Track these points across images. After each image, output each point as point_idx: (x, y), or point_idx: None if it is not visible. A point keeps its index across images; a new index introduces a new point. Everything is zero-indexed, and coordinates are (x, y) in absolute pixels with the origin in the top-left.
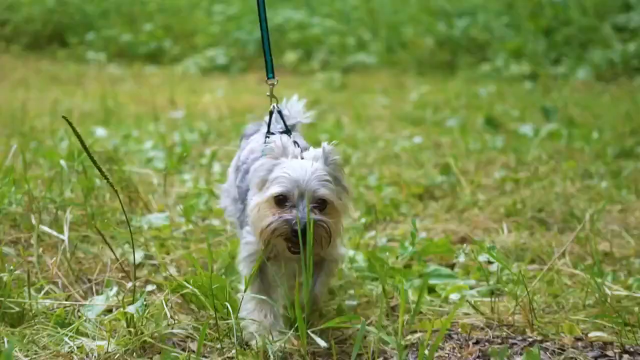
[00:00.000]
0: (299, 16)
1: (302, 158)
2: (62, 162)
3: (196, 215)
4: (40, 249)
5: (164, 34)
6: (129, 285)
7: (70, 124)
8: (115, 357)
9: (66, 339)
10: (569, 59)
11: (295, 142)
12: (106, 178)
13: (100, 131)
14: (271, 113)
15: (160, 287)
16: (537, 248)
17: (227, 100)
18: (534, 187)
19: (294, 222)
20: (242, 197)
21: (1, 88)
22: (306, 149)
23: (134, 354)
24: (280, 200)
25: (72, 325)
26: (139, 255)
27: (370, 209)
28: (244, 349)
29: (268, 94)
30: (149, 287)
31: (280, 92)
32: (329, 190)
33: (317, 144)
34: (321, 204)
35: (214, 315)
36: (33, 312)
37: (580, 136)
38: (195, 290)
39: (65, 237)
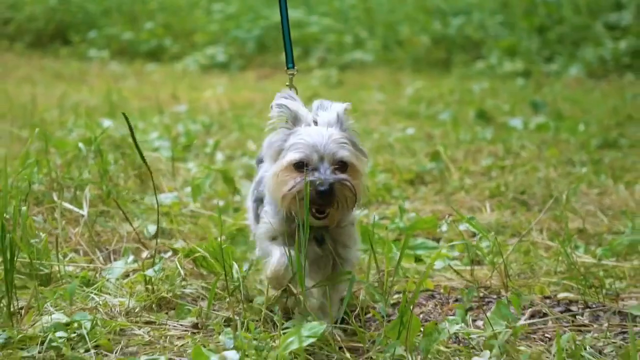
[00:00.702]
0: (297, 15)
1: (315, 124)
2: (81, 145)
3: (202, 196)
4: (63, 222)
5: (165, 32)
6: (144, 254)
7: (126, 118)
8: (135, 311)
9: (92, 295)
10: (561, 57)
11: None
12: (143, 159)
13: (107, 122)
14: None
15: (175, 252)
16: (517, 224)
17: (227, 96)
18: (517, 172)
19: (318, 182)
20: (257, 210)
21: (8, 84)
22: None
23: (152, 309)
24: (300, 167)
25: (96, 285)
26: (152, 228)
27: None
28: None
29: (287, 84)
30: (164, 255)
31: (278, 88)
32: (348, 152)
33: None
34: (342, 166)
35: (223, 276)
36: (60, 274)
37: (567, 128)
38: (206, 254)
39: (85, 212)
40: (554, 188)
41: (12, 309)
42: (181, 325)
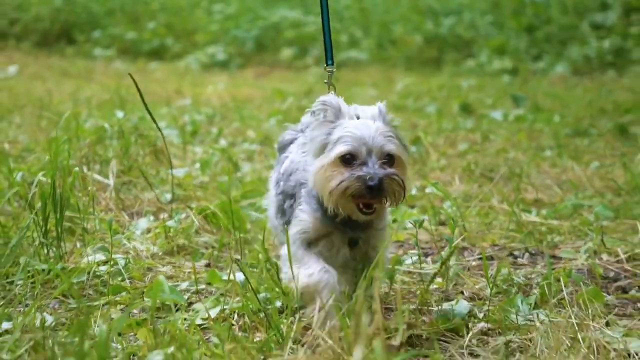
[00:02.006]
0: (294, 15)
1: (357, 118)
2: (107, 125)
3: (208, 172)
4: (94, 188)
5: (167, 31)
6: (163, 214)
7: (140, 94)
8: (159, 255)
9: (123, 241)
10: (548, 55)
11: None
12: (158, 127)
13: (120, 114)
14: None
15: (189, 208)
16: (480, 194)
17: (228, 91)
18: (488, 154)
19: (368, 177)
20: (283, 204)
21: (19, 81)
22: None
23: (172, 254)
24: (347, 160)
25: (125, 234)
26: (168, 196)
27: None
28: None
29: (326, 81)
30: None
31: (276, 85)
32: (395, 146)
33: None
34: (389, 160)
35: (231, 227)
36: (96, 227)
37: (543, 120)
38: (216, 210)
39: (111, 182)
40: (517, 166)
41: (61, 252)
42: (196, 265)
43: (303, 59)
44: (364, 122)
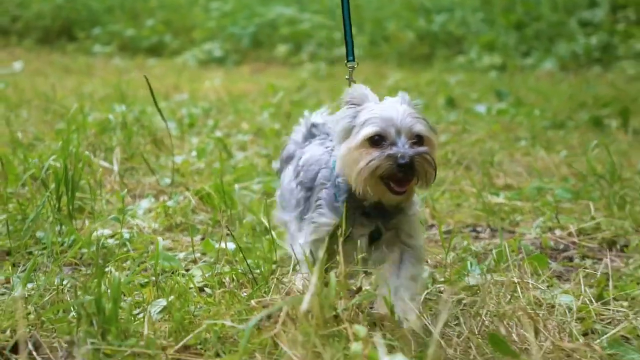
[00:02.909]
0: (289, 12)
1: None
2: (111, 116)
3: (204, 159)
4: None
5: (165, 28)
6: (162, 197)
7: (147, 80)
8: (159, 231)
9: (128, 218)
10: (537, 51)
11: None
12: (160, 112)
13: (122, 107)
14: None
15: (187, 189)
16: (454, 180)
17: (224, 87)
18: (466, 143)
19: (399, 155)
20: (299, 194)
21: (23, 77)
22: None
23: (171, 229)
24: (376, 141)
25: (129, 212)
26: (167, 181)
27: None
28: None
29: (347, 77)
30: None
31: (270, 80)
32: (423, 126)
33: (300, 117)
34: (419, 140)
35: (224, 206)
36: (102, 207)
37: (524, 113)
38: (211, 191)
39: (115, 167)
40: (490, 155)
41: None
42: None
43: (298, 55)
44: (390, 105)
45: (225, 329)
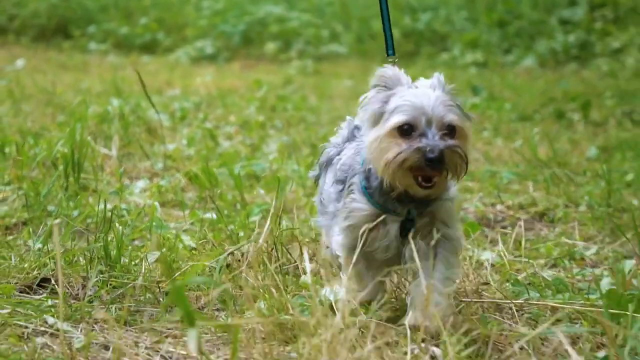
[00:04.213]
0: (278, 10)
1: (415, 87)
2: (109, 108)
3: (194, 146)
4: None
5: (158, 26)
6: (156, 179)
7: (139, 75)
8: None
9: (127, 196)
10: (518, 49)
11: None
12: (155, 108)
13: (116, 102)
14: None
15: (177, 170)
16: None
17: (214, 83)
18: None
19: (428, 149)
20: (340, 184)
21: (22, 73)
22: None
23: (164, 205)
24: (405, 130)
25: (127, 191)
26: (160, 165)
27: (315, 148)
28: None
29: None
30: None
31: (260, 76)
32: (456, 116)
33: (284, 110)
34: (450, 131)
35: (209, 187)
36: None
37: (495, 107)
38: (198, 172)
39: (114, 153)
40: None
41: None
42: (181, 213)
43: (287, 53)
44: (423, 91)
45: (205, 269)
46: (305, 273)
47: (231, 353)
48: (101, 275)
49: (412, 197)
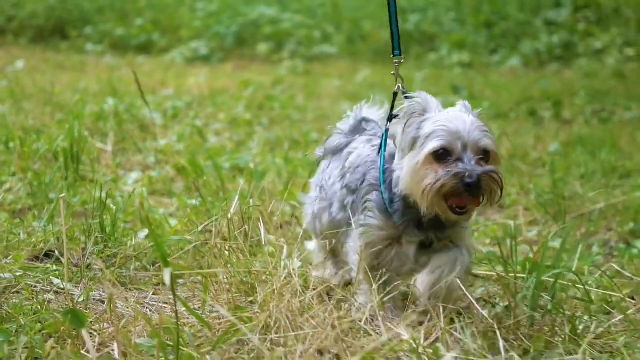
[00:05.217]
0: (271, 12)
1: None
2: (105, 106)
3: (184, 142)
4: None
5: (153, 28)
6: (148, 172)
7: (135, 74)
8: (145, 195)
9: (121, 186)
10: (504, 49)
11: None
12: (148, 106)
13: (112, 101)
14: (395, 94)
15: (166, 163)
16: None
17: (207, 83)
18: None
19: (466, 174)
20: (345, 199)
21: (20, 73)
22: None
23: (154, 194)
24: (441, 155)
25: (121, 181)
26: (152, 159)
27: (297, 143)
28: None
29: (393, 72)
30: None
31: (252, 77)
32: (490, 140)
33: (271, 109)
34: (485, 156)
35: (195, 177)
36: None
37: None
38: (186, 165)
39: (109, 147)
40: None
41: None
42: (170, 201)
43: (279, 53)
44: (456, 115)
45: (186, 242)
46: (271, 243)
47: (202, 300)
48: (97, 246)
49: (435, 224)
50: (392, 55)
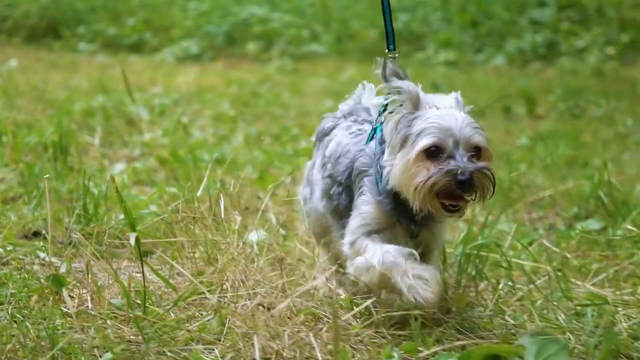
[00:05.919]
0: (261, 12)
1: (437, 108)
2: (94, 103)
3: (169, 137)
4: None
5: (145, 27)
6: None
7: (124, 73)
8: (129, 185)
9: (107, 175)
10: (489, 48)
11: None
12: (133, 100)
13: (101, 98)
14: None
15: (150, 155)
16: None
17: (196, 81)
18: None
19: (459, 171)
20: (330, 188)
21: (14, 72)
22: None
23: (139, 184)
24: (433, 153)
25: (107, 172)
26: (137, 152)
27: (277, 138)
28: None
29: (378, 71)
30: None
31: (241, 75)
32: (482, 137)
33: (256, 106)
34: (477, 152)
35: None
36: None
37: None
38: (168, 157)
39: (97, 141)
40: None
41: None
42: (153, 190)
43: (268, 52)
44: (448, 112)
45: (154, 214)
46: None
47: (169, 267)
48: (79, 225)
49: (425, 219)
50: (386, 50)
